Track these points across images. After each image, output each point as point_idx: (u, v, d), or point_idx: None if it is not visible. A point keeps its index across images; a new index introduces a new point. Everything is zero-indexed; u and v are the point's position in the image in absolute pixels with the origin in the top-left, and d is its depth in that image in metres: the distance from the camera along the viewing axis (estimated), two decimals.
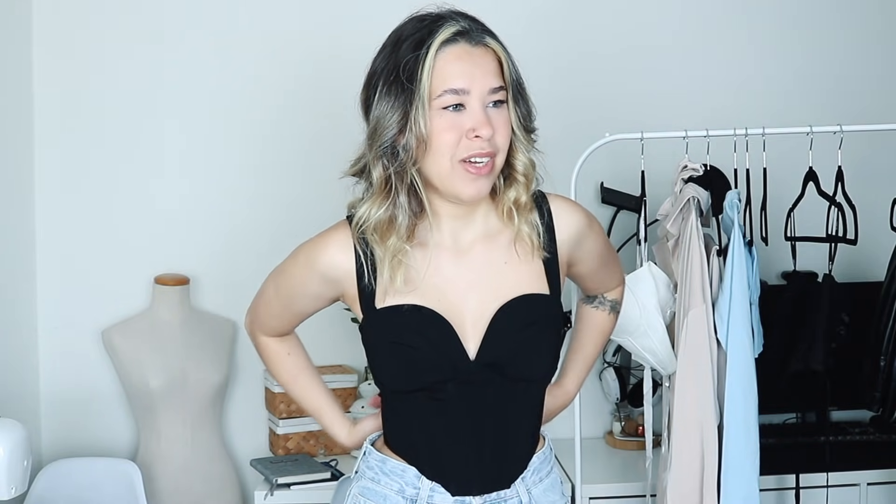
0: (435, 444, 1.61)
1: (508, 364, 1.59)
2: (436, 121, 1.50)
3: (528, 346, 1.60)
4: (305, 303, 1.73)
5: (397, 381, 1.60)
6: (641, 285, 2.40)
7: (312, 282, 1.67)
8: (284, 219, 3.07)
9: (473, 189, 1.53)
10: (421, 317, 1.57)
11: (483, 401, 1.59)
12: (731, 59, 3.22)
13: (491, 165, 1.53)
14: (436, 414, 1.59)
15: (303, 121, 3.09)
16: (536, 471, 1.66)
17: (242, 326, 3.07)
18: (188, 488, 2.89)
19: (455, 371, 1.57)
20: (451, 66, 1.50)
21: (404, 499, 1.61)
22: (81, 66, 3.07)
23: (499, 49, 1.55)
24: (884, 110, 3.06)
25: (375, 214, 1.55)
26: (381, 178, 1.55)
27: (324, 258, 1.63)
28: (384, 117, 1.52)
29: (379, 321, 1.59)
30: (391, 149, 1.53)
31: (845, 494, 2.76)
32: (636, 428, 3.07)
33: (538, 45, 3.08)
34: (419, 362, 1.57)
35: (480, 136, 1.50)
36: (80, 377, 3.06)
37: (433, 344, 1.56)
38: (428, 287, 1.58)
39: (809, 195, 2.59)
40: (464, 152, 1.51)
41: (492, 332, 1.58)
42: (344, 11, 3.11)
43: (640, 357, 2.49)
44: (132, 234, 3.09)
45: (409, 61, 1.50)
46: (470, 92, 1.51)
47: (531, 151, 1.60)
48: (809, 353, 2.57)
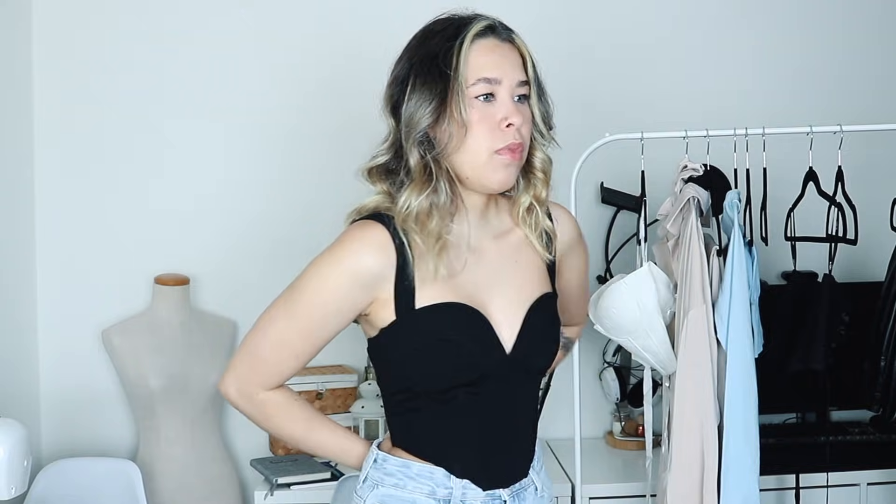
0: (468, 441, 1.62)
1: (534, 358, 1.66)
2: (471, 110, 1.55)
3: (552, 343, 1.69)
4: (334, 323, 1.60)
5: (438, 380, 1.58)
6: (641, 285, 2.40)
7: (350, 293, 1.57)
8: (285, 219, 3.08)
9: (505, 175, 1.58)
10: (463, 314, 1.58)
11: (514, 395, 1.64)
12: (731, 59, 3.22)
13: (520, 154, 1.59)
14: (470, 411, 1.60)
15: (303, 121, 3.09)
16: (538, 457, 1.73)
17: (242, 326, 3.11)
18: (188, 488, 2.89)
19: (494, 366, 1.60)
20: (483, 58, 1.57)
21: (436, 500, 1.60)
22: (81, 66, 3.07)
23: (523, 46, 1.63)
24: (884, 110, 3.05)
25: (416, 202, 1.56)
26: (419, 167, 1.58)
27: (363, 262, 1.56)
28: (420, 107, 1.56)
29: (420, 321, 1.57)
30: (426, 138, 1.57)
31: (845, 494, 2.76)
32: (636, 428, 3.07)
33: (538, 46, 3.03)
34: (463, 358, 1.57)
35: (513, 124, 1.56)
36: (80, 377, 3.06)
37: (476, 340, 1.59)
38: (457, 285, 1.60)
39: (809, 195, 2.59)
40: (500, 143, 1.56)
41: (525, 328, 1.63)
42: (343, 14, 3.11)
43: (640, 357, 2.49)
44: (132, 234, 3.09)
45: (443, 51, 1.56)
46: (501, 82, 1.57)
47: (549, 149, 1.67)
48: (809, 353, 2.57)
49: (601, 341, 3.05)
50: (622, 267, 2.95)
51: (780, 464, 2.66)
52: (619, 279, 2.42)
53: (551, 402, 3.02)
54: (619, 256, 3.11)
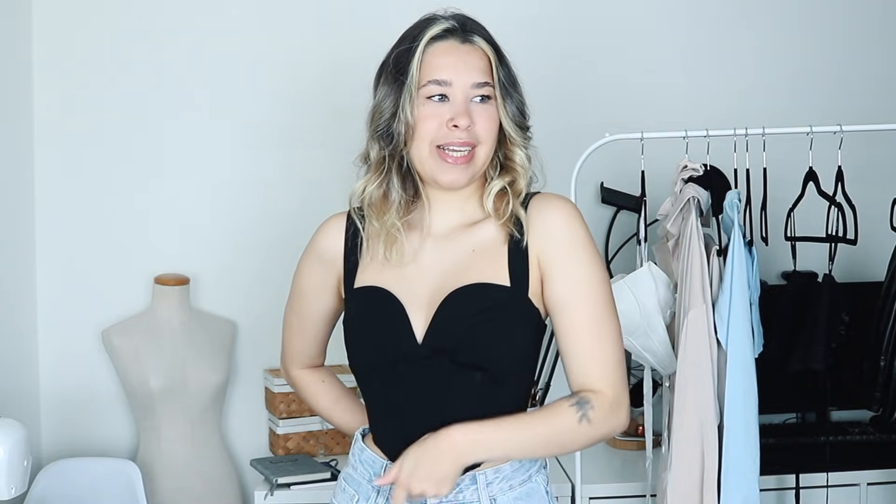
0: (390, 429, 1.65)
1: (458, 351, 1.57)
2: (420, 109, 1.61)
3: (481, 334, 1.58)
4: (315, 300, 1.79)
5: (356, 359, 1.67)
6: (641, 285, 2.40)
7: (314, 270, 1.77)
8: (285, 218, 3.07)
9: (450, 176, 1.62)
10: (380, 298, 1.64)
11: (434, 386, 1.59)
12: (731, 59, 3.22)
13: (470, 156, 1.62)
14: (390, 397, 1.64)
15: (303, 121, 3.10)
16: (507, 478, 1.61)
17: (242, 326, 3.11)
18: (188, 488, 2.89)
19: (403, 353, 1.61)
20: (437, 60, 1.62)
21: (372, 488, 1.65)
22: (81, 66, 3.07)
23: (487, 48, 1.64)
24: (884, 110, 3.05)
25: (370, 189, 1.67)
26: (377, 158, 1.66)
27: (320, 241, 1.76)
28: (381, 103, 1.65)
29: (350, 301, 1.70)
30: (386, 132, 1.64)
31: (845, 494, 2.76)
32: (636, 428, 3.07)
33: (539, 46, 3.08)
34: (371, 341, 1.64)
35: (458, 126, 1.60)
36: (80, 377, 3.06)
37: (384, 324, 1.63)
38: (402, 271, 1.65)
39: (809, 195, 2.59)
40: (441, 139, 1.61)
41: (439, 317, 1.60)
42: (343, 14, 3.12)
43: (640, 357, 2.49)
44: (132, 234, 3.09)
45: (402, 53, 1.63)
46: (452, 84, 1.61)
47: (528, 148, 1.67)
48: (809, 353, 2.57)
49: None
50: (622, 267, 2.95)
51: (780, 464, 2.66)
52: (619, 279, 2.43)
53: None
54: (619, 256, 3.11)
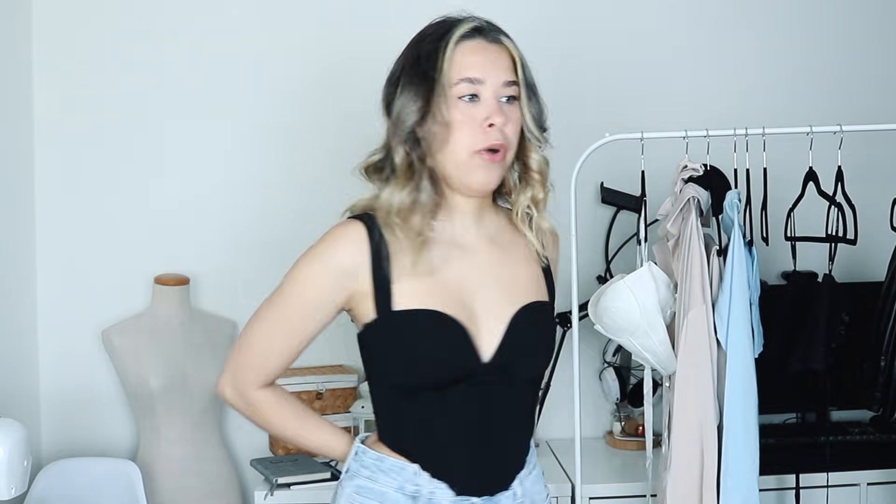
0: (442, 444, 1.63)
1: (516, 366, 1.64)
2: (453, 111, 1.58)
3: (535, 350, 1.68)
4: (317, 316, 1.66)
5: (410, 380, 1.61)
6: (641, 285, 2.40)
7: (327, 285, 1.63)
8: (285, 218, 3.07)
9: (486, 176, 1.60)
10: (438, 322, 1.59)
11: (490, 402, 1.62)
12: (731, 59, 3.22)
13: (503, 155, 1.61)
14: (444, 414, 1.61)
15: (303, 121, 3.10)
16: (529, 463, 1.71)
17: (242, 326, 3.09)
18: (188, 488, 2.89)
19: (468, 373, 1.60)
20: (468, 58, 1.60)
21: (405, 496, 1.62)
22: (81, 66, 3.07)
23: (513, 48, 1.64)
24: (884, 110, 3.05)
25: (398, 197, 1.61)
26: (404, 164, 1.62)
27: (336, 257, 1.63)
28: (406, 106, 1.60)
29: (395, 323, 1.61)
30: (412, 136, 1.61)
31: (845, 494, 2.76)
32: (636, 428, 3.07)
33: (538, 46, 3.04)
34: (435, 364, 1.59)
35: (494, 124, 1.58)
36: (80, 377, 3.06)
37: (449, 348, 1.60)
38: (441, 287, 1.61)
39: (809, 195, 2.59)
40: (480, 143, 1.59)
41: (509, 336, 1.63)
42: (342, 14, 3.12)
43: (640, 357, 2.49)
44: (132, 234, 3.09)
45: (430, 53, 1.60)
46: (484, 82, 1.59)
47: (544, 150, 1.68)
48: (809, 353, 2.57)
49: (601, 341, 3.05)
50: (622, 267, 2.95)
51: (780, 464, 2.66)
52: (619, 279, 2.42)
53: (551, 402, 3.02)
54: (619, 256, 3.11)
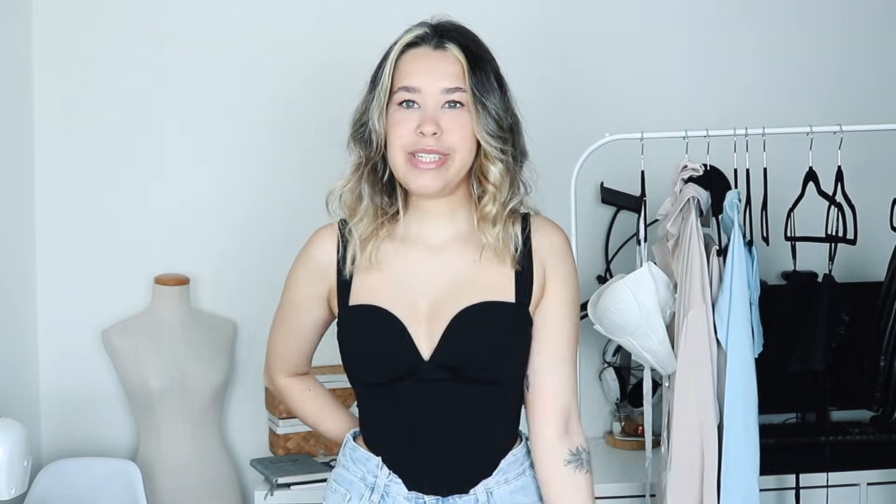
0: (393, 439, 1.67)
1: (467, 367, 1.63)
2: (392, 115, 1.63)
3: (490, 350, 1.64)
4: (307, 310, 1.78)
5: (359, 375, 1.69)
6: (641, 285, 2.40)
7: (307, 281, 1.75)
8: (284, 219, 3.07)
9: (421, 183, 1.62)
10: (379, 318, 1.65)
11: (440, 401, 1.64)
12: (731, 59, 3.22)
13: (441, 162, 1.61)
14: (394, 410, 1.66)
15: (303, 121, 3.09)
16: (503, 471, 1.68)
17: (242, 326, 3.11)
18: (188, 488, 2.89)
19: (410, 370, 1.63)
20: (408, 66, 1.63)
21: (366, 486, 1.68)
22: (81, 66, 3.07)
23: (459, 54, 1.63)
24: (884, 110, 3.05)
25: (342, 190, 1.69)
26: (355, 163, 1.69)
27: (312, 250, 1.75)
28: (360, 110, 1.67)
29: (347, 318, 1.69)
30: (363, 137, 1.66)
31: (845, 494, 2.76)
32: (636, 428, 3.07)
33: (539, 46, 3.08)
34: (375, 360, 1.66)
35: (424, 133, 1.60)
36: (80, 377, 3.06)
37: (386, 343, 1.64)
38: (388, 284, 1.66)
39: (809, 195, 2.59)
40: (412, 146, 1.61)
41: (448, 335, 1.63)
42: (342, 14, 3.12)
43: (640, 357, 2.49)
44: (132, 234, 3.09)
45: (381, 60, 1.66)
46: (422, 90, 1.62)
47: (507, 161, 1.64)
48: (809, 353, 2.57)
49: (601, 341, 3.05)
50: (622, 267, 2.95)
51: (780, 464, 2.66)
52: (619, 279, 2.43)
53: None
54: (619, 256, 3.11)
